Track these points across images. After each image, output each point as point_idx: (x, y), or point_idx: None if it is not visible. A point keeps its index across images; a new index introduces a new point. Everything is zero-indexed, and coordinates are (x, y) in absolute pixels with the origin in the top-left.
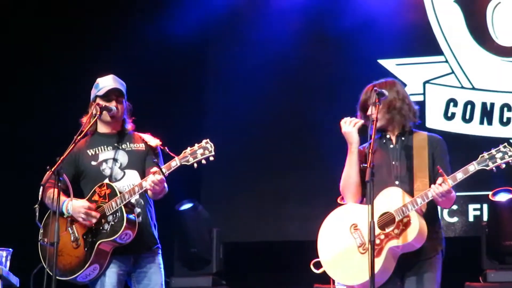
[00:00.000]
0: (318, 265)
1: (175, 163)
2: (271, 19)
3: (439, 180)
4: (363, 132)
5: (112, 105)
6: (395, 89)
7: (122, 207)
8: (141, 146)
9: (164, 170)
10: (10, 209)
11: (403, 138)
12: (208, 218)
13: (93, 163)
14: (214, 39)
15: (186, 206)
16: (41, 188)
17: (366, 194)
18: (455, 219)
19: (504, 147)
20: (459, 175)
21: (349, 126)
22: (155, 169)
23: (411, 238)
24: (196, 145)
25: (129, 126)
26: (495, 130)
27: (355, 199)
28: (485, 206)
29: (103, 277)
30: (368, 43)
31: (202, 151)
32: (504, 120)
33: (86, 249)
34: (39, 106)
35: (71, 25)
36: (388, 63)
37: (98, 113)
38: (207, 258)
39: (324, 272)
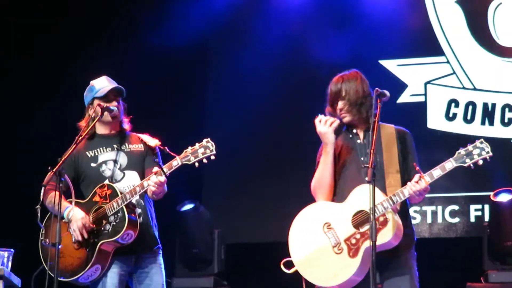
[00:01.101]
0: (289, 264)
1: (176, 162)
2: (271, 19)
3: (416, 177)
4: (337, 132)
5: (113, 105)
6: (358, 80)
7: (124, 207)
8: (140, 147)
9: (165, 169)
10: (11, 210)
11: (370, 133)
12: (210, 219)
13: (93, 164)
14: (214, 40)
15: (188, 207)
16: (43, 188)
17: (338, 192)
18: (456, 220)
19: (481, 142)
20: (436, 172)
21: (325, 126)
22: (156, 169)
23: (389, 237)
24: (197, 144)
25: (127, 126)
26: (496, 130)
27: (326, 198)
28: (486, 207)
29: (104, 278)
30: (369, 43)
31: (203, 150)
32: (506, 120)
33: (87, 250)
34: (39, 106)
35: (72, 25)
36: (389, 64)
37: (100, 114)
38: (208, 258)
39: (296, 272)
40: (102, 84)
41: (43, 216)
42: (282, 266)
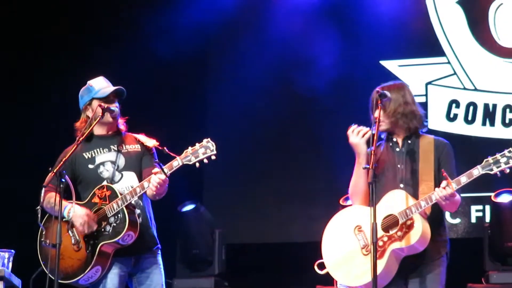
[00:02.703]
0: (322, 266)
1: (177, 162)
2: (273, 21)
3: (443, 183)
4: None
5: (114, 106)
6: (401, 92)
7: (124, 208)
8: (137, 147)
9: (166, 170)
10: (12, 210)
11: (409, 142)
12: (211, 220)
13: (90, 166)
14: (216, 41)
15: (188, 207)
16: (43, 189)
17: (376, 199)
18: (457, 221)
19: (509, 152)
20: (463, 179)
21: (357, 137)
22: (157, 169)
23: (414, 240)
24: (197, 144)
25: (122, 127)
26: (497, 131)
27: (362, 202)
28: (487, 208)
29: (104, 279)
30: (370, 44)
31: (204, 150)
32: (506, 121)
33: (87, 251)
34: (40, 106)
35: (72, 25)
36: (390, 64)
37: (101, 114)
38: (209, 259)
39: (328, 273)
40: (101, 84)
41: (43, 217)
42: (315, 267)
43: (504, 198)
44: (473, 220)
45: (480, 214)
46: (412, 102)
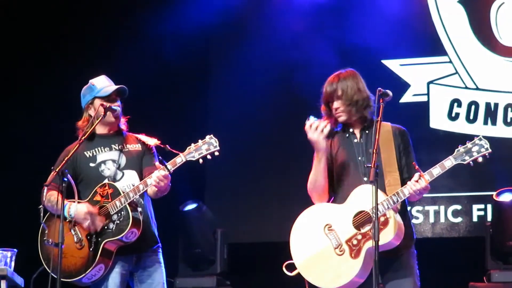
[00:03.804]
0: (291, 267)
1: (180, 159)
2: (274, 17)
3: (416, 176)
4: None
5: (116, 105)
6: (355, 79)
7: (127, 206)
8: (137, 147)
9: (169, 167)
10: (15, 210)
11: (367, 132)
12: (213, 219)
13: (92, 164)
14: (217, 37)
15: (190, 206)
16: (45, 188)
17: (339, 193)
18: (459, 219)
19: (480, 139)
20: (436, 171)
21: (315, 133)
22: (159, 169)
23: (390, 237)
24: (200, 141)
25: (123, 126)
26: (499, 130)
27: (323, 200)
28: (489, 206)
29: (106, 278)
30: (372, 43)
31: (207, 146)
32: (508, 120)
33: (90, 249)
34: (41, 105)
35: (73, 23)
36: (392, 64)
37: (103, 113)
38: (211, 258)
39: (298, 274)
40: (103, 83)
41: (46, 216)
42: (284, 269)
43: (505, 197)
44: (475, 219)
45: (482, 213)
46: (364, 88)
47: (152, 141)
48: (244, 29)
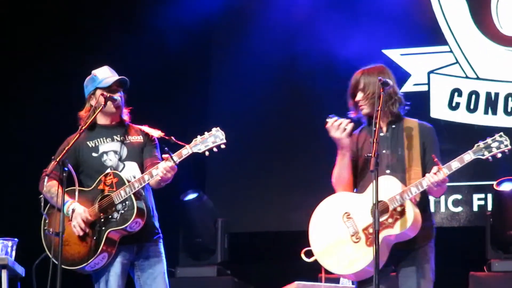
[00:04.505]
0: (309, 253)
1: (186, 151)
2: (276, 8)
3: (434, 169)
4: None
5: (117, 95)
6: (380, 74)
7: (132, 195)
8: (139, 138)
9: (175, 158)
10: (15, 199)
11: (393, 126)
12: (213, 208)
13: (94, 154)
14: (218, 30)
15: (191, 196)
16: (46, 178)
17: (360, 184)
18: (459, 209)
19: (500, 136)
20: (455, 164)
21: (338, 132)
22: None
23: (406, 227)
24: (206, 133)
25: (126, 117)
26: (499, 120)
27: (346, 190)
28: (489, 196)
29: (107, 267)
30: (372, 33)
31: (213, 139)
32: (509, 109)
33: (94, 238)
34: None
35: (73, 17)
36: (392, 53)
37: (103, 103)
38: (212, 248)
39: (316, 261)
40: (105, 74)
41: (46, 205)
42: (302, 255)
43: (506, 187)
44: (475, 208)
45: (482, 202)
46: (393, 84)
47: (156, 133)
48: (246, 21)
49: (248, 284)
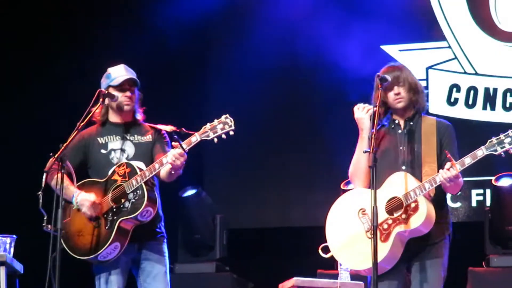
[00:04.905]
0: (326, 249)
1: (195, 138)
2: (274, 5)
3: (447, 165)
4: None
5: (126, 94)
6: (407, 70)
7: (143, 184)
8: (149, 138)
9: (184, 146)
10: (14, 196)
11: (411, 123)
12: (212, 205)
13: (103, 151)
14: (217, 28)
15: (190, 192)
16: (44, 175)
17: (378, 182)
18: (458, 204)
19: None
20: (467, 160)
21: (362, 112)
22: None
23: (419, 223)
24: (216, 120)
25: (139, 116)
26: (498, 115)
27: (363, 184)
28: (488, 191)
29: (109, 264)
30: (371, 29)
31: (222, 126)
32: (507, 105)
33: (107, 227)
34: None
35: (75, 14)
36: (391, 49)
37: (101, 99)
38: (210, 244)
39: (332, 257)
40: (118, 73)
41: (45, 202)
42: (320, 251)
43: (504, 182)
44: (474, 204)
45: (481, 198)
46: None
47: (168, 128)
48: (245, 18)
49: (247, 280)
